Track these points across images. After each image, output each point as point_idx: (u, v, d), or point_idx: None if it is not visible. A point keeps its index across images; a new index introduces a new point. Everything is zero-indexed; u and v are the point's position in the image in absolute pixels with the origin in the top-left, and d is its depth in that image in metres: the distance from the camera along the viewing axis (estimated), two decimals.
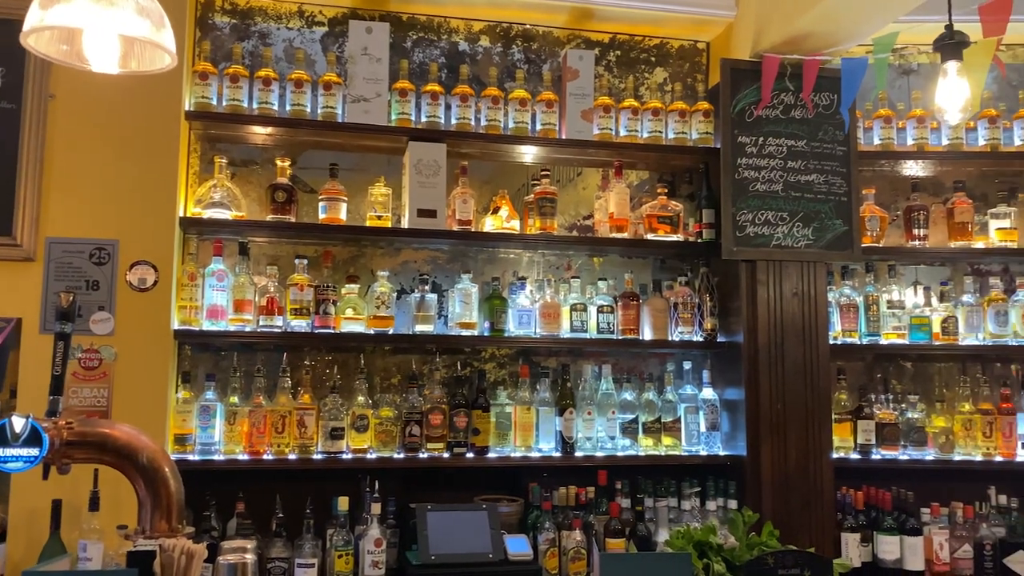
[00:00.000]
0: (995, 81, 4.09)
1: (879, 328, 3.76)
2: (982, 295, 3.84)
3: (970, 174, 3.98)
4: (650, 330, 3.72)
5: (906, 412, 3.75)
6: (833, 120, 3.66)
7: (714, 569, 1.67)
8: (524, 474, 3.58)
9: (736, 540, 1.78)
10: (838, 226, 3.62)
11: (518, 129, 3.66)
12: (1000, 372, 3.92)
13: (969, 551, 3.50)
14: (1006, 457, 3.66)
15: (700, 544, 1.74)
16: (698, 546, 1.74)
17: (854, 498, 3.57)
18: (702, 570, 1.66)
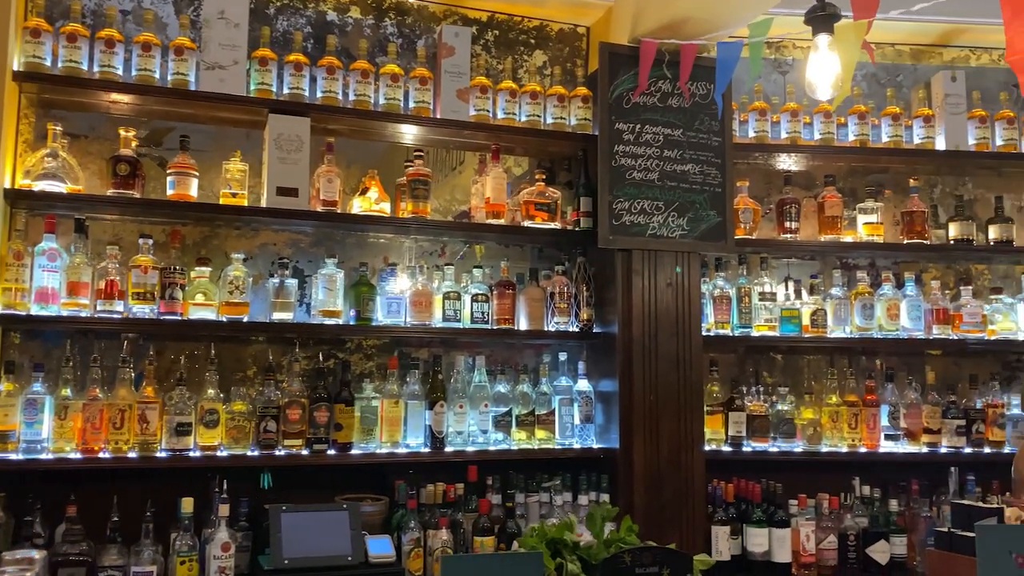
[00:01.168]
0: (864, 79, 4.18)
1: (751, 320, 3.76)
2: (850, 289, 3.90)
3: (840, 169, 4.04)
4: (526, 320, 3.60)
5: (776, 404, 3.76)
6: (709, 111, 3.63)
7: (568, 569, 1.54)
8: (391, 472, 3.39)
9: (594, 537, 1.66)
10: (712, 217, 3.59)
11: (389, 106, 3.47)
12: (865, 365, 4.00)
13: (834, 542, 3.54)
14: (870, 448, 3.72)
15: (555, 542, 1.61)
16: (552, 544, 1.61)
17: (725, 490, 3.55)
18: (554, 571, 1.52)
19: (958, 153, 3.97)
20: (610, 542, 1.68)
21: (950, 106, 3.99)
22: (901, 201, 4.04)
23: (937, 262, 4.13)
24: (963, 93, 4.01)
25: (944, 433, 3.77)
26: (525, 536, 1.72)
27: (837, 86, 2.12)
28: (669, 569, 1.61)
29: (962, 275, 4.11)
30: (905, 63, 4.25)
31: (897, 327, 3.83)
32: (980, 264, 4.17)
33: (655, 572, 1.60)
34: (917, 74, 4.24)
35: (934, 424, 3.78)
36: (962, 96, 4.01)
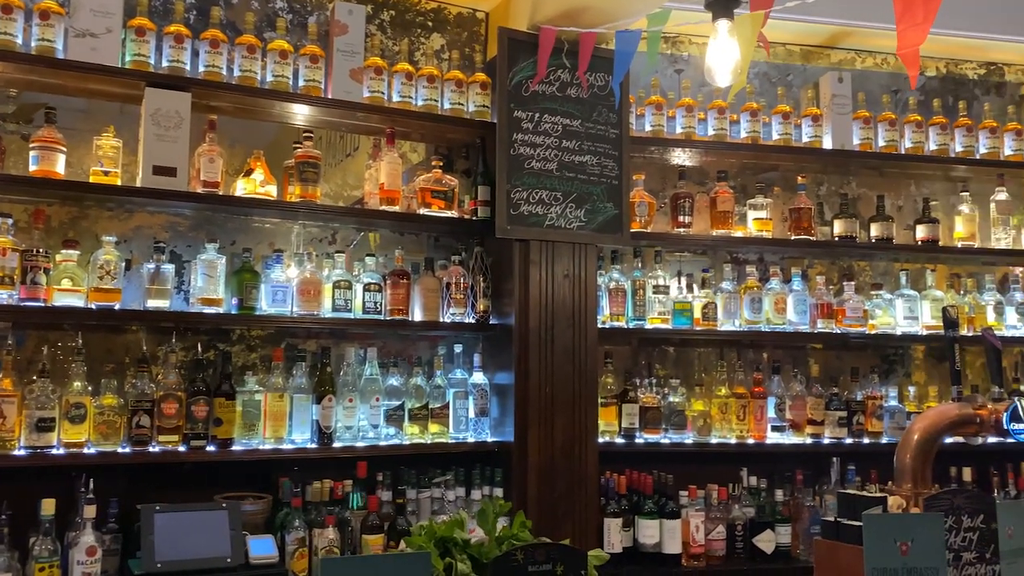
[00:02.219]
0: (757, 77, 4.26)
1: (645, 313, 3.77)
2: (739, 283, 3.97)
3: (732, 165, 4.10)
4: (421, 311, 3.50)
5: (668, 396, 3.79)
6: (607, 102, 3.61)
7: (457, 569, 1.47)
8: (275, 469, 3.23)
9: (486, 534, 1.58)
10: (609, 209, 3.58)
11: (277, 84, 3.29)
12: (753, 357, 4.08)
13: (722, 532, 3.59)
14: (757, 440, 3.80)
15: (444, 540, 1.53)
16: (441, 543, 1.52)
17: (617, 483, 3.55)
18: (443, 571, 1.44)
19: (843, 152, 4.10)
20: (502, 539, 1.62)
21: (837, 106, 4.11)
22: (789, 198, 4.14)
23: (822, 258, 4.26)
24: (849, 94, 4.14)
25: (827, 424, 3.89)
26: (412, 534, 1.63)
27: (736, 73, 2.11)
28: (563, 566, 1.55)
29: (845, 271, 4.25)
30: (795, 63, 4.36)
31: (784, 321, 3.92)
32: (862, 261, 4.32)
33: (548, 569, 1.54)
34: (806, 74, 4.35)
35: (818, 415, 3.89)
36: (848, 97, 4.14)
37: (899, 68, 4.48)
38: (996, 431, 2.21)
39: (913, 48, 1.64)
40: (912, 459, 2.23)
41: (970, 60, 4.56)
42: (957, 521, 1.91)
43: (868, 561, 1.79)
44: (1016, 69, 4.64)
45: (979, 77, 4.60)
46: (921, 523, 1.85)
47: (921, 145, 4.19)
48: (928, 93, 4.44)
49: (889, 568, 1.80)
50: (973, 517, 1.92)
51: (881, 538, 1.81)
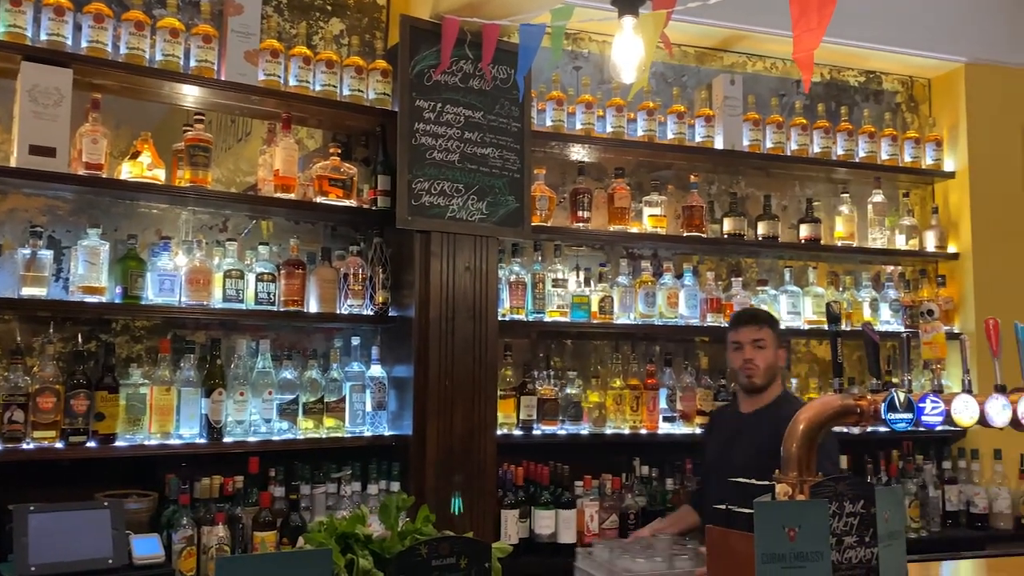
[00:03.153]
0: (653, 77, 4.35)
1: (544, 306, 3.81)
2: (635, 277, 4.06)
3: (629, 163, 4.19)
4: (317, 302, 3.42)
5: (565, 388, 3.84)
6: (510, 96, 3.62)
7: (359, 566, 1.44)
8: (162, 465, 3.10)
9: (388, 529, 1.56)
10: (511, 203, 3.59)
11: (167, 63, 3.15)
12: (647, 350, 4.18)
13: (615, 521, 3.67)
14: (650, 430, 3.89)
15: (345, 536, 1.49)
16: (342, 539, 1.49)
17: (515, 474, 3.58)
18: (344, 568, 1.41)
19: (733, 153, 4.24)
20: (405, 534, 1.59)
21: (728, 108, 4.25)
22: (682, 196, 4.25)
23: (712, 254, 4.39)
24: (740, 97, 4.29)
25: None
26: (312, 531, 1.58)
27: (641, 70, 2.14)
28: (467, 559, 1.54)
29: (733, 267, 4.40)
30: (690, 65, 4.48)
31: (676, 315, 4.03)
32: (749, 258, 4.49)
33: (452, 563, 1.53)
34: (700, 76, 4.48)
35: (706, 406, 4.02)
36: (739, 99, 4.28)
37: (786, 73, 4.67)
38: (875, 421, 2.33)
39: (808, 52, 1.70)
40: (798, 448, 2.32)
41: (852, 68, 4.80)
42: (840, 507, 2.00)
43: (759, 547, 1.86)
44: (893, 78, 4.91)
45: (860, 84, 4.85)
46: (808, 509, 1.93)
47: (806, 147, 4.38)
48: (813, 98, 4.65)
49: (778, 553, 1.87)
50: (854, 503, 2.02)
51: (771, 525, 1.88)
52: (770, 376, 3.23)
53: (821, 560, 1.90)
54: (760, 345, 3.21)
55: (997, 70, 4.71)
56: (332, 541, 1.49)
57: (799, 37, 1.77)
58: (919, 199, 4.82)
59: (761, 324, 3.27)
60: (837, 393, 2.40)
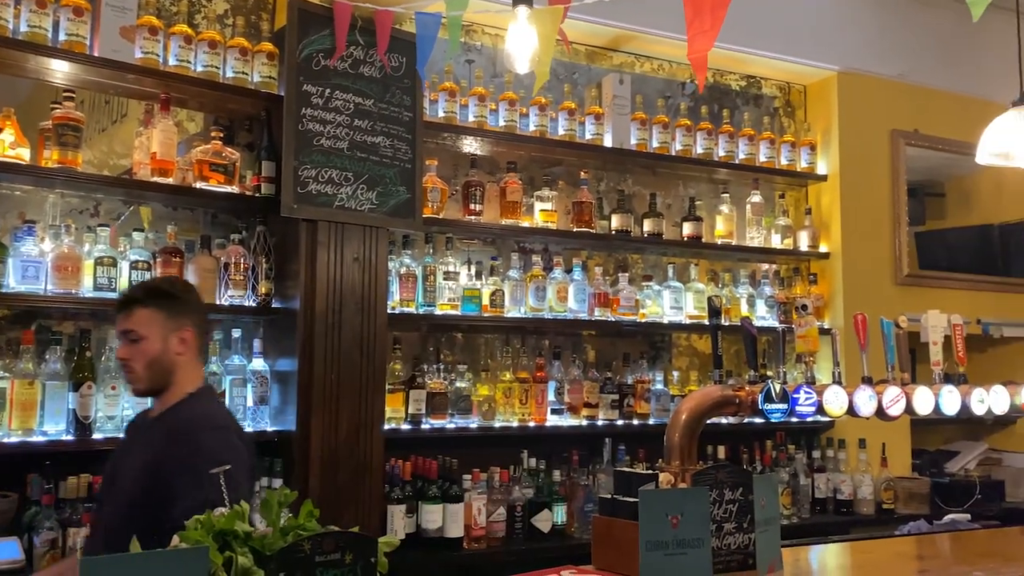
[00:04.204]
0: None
1: (435, 299, 3.78)
2: (525, 271, 4.08)
3: (521, 157, 4.20)
4: None
5: (455, 382, 3.83)
6: (402, 84, 3.56)
7: (238, 563, 1.37)
8: (23, 464, 2.90)
9: (270, 525, 1.50)
10: (402, 193, 3.54)
11: (33, 35, 2.94)
12: (536, 344, 4.21)
13: (503, 513, 3.68)
14: (538, 422, 3.93)
15: (223, 534, 1.43)
16: (220, 536, 1.42)
17: (402, 469, 3.54)
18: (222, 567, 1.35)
19: (621, 151, 4.32)
20: (287, 530, 1.54)
21: (617, 107, 4.33)
22: (573, 192, 4.30)
23: (600, 250, 4.47)
24: (628, 96, 4.37)
25: (601, 407, 4.09)
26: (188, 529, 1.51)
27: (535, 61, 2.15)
28: (352, 554, 1.50)
29: (620, 263, 4.48)
30: (581, 62, 4.54)
31: (565, 309, 4.07)
32: (635, 254, 4.59)
33: (337, 559, 1.48)
34: (591, 74, 4.54)
35: (593, 399, 4.09)
36: (627, 99, 4.37)
37: (672, 75, 4.79)
38: (752, 411, 2.42)
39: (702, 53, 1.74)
40: (680, 437, 2.38)
41: (734, 72, 4.98)
42: (720, 494, 2.07)
43: (643, 535, 1.90)
44: (772, 83, 5.12)
45: (741, 88, 5.03)
46: (690, 497, 1.99)
47: (690, 148, 4.51)
48: (697, 100, 4.79)
49: (661, 540, 1.91)
50: (733, 490, 2.09)
51: (655, 512, 1.92)
52: (160, 374, 2.36)
53: (702, 546, 1.95)
54: (133, 338, 2.34)
55: (867, 79, 4.99)
56: (209, 539, 1.42)
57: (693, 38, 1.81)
58: (794, 200, 5.04)
59: (131, 309, 2.36)
60: (717, 384, 2.48)
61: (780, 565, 2.27)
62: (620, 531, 2.19)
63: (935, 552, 2.78)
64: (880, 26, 5.08)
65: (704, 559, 1.94)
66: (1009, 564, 2.46)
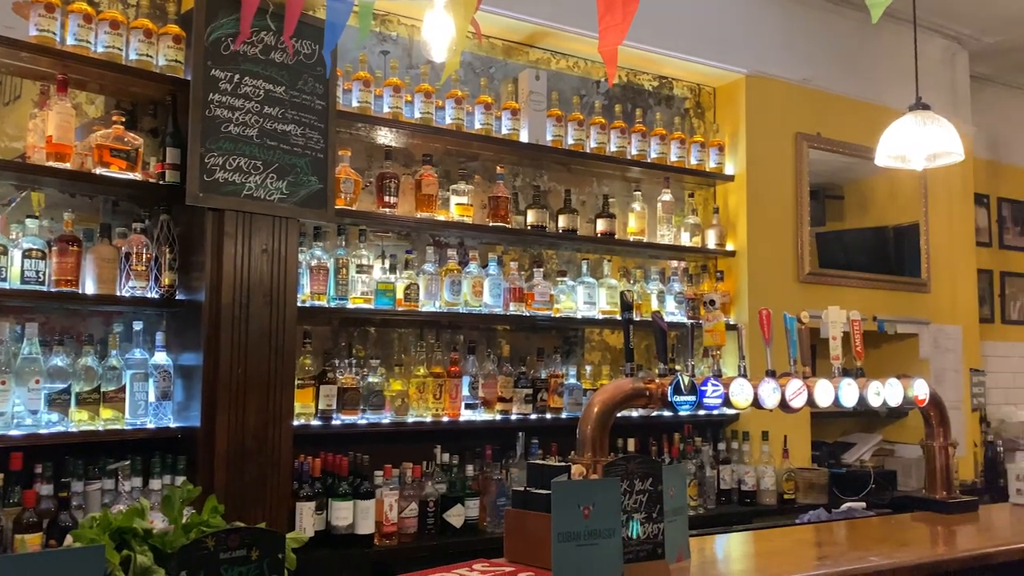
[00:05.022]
0: (462, 66, 4.36)
1: (347, 292, 3.72)
2: (441, 265, 4.05)
3: (437, 150, 4.18)
4: (94, 283, 3.14)
5: (367, 377, 3.77)
6: (314, 72, 3.48)
7: (137, 562, 1.32)
8: None
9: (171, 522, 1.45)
10: (313, 183, 3.46)
11: None
12: (451, 338, 4.19)
13: (415, 509, 3.65)
14: (452, 417, 3.91)
15: (121, 532, 1.37)
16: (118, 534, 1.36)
17: (312, 465, 3.47)
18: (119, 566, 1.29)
19: (537, 147, 4.34)
20: (190, 527, 1.49)
21: (533, 103, 4.35)
22: (489, 186, 4.30)
23: (516, 245, 4.48)
24: (544, 92, 4.39)
25: (515, 401, 4.11)
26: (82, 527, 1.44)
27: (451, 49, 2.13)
28: (259, 550, 1.46)
29: (536, 258, 4.51)
30: (498, 57, 4.54)
31: (480, 303, 4.07)
32: (550, 249, 4.61)
33: (243, 555, 1.44)
34: (507, 69, 4.54)
35: (507, 393, 4.09)
36: (543, 95, 4.39)
37: (587, 73, 4.84)
38: (662, 403, 2.47)
39: (612, 47, 1.75)
40: (592, 430, 2.41)
41: (647, 72, 5.06)
42: (630, 485, 2.10)
43: (555, 526, 1.91)
44: (683, 84, 5.23)
45: (653, 89, 5.12)
46: (601, 488, 2.01)
47: (604, 146, 4.56)
48: (611, 99, 4.86)
49: (573, 531, 1.93)
50: (644, 480, 2.12)
51: (567, 503, 1.94)
52: None
53: (613, 536, 1.98)
54: None
55: (773, 83, 5.15)
56: (105, 537, 1.36)
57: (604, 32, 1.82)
58: (703, 199, 5.17)
59: None
60: (628, 377, 2.52)
61: (688, 554, 2.32)
62: (532, 523, 2.20)
63: (833, 539, 2.89)
64: (786, 32, 5.25)
65: (615, 549, 1.97)
66: (901, 549, 2.58)
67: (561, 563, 1.88)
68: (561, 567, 1.87)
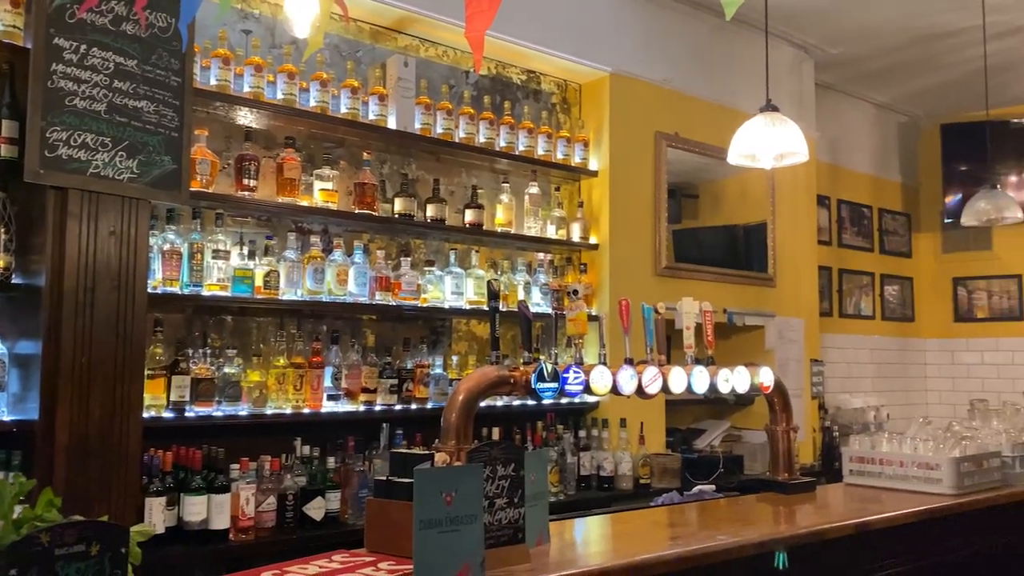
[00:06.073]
0: (328, 48, 4.26)
1: (203, 279, 3.56)
2: (303, 252, 3.95)
3: (301, 133, 4.06)
4: None
5: (224, 367, 3.63)
6: (170, 47, 3.31)
7: None
8: None
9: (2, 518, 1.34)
10: (167, 163, 3.29)
11: None
12: (313, 328, 4.10)
13: (273, 503, 3.55)
14: (313, 409, 3.82)
15: None
16: None
17: (163, 459, 3.31)
18: None
19: (406, 135, 4.30)
20: (22, 522, 1.38)
21: (402, 89, 4.30)
22: (355, 172, 4.23)
23: (383, 233, 4.43)
24: (413, 79, 4.36)
25: (380, 392, 4.06)
26: None
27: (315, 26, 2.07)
28: (100, 545, 1.38)
29: (403, 247, 4.47)
30: (365, 41, 4.46)
31: (345, 292, 4.00)
32: (418, 239, 4.59)
33: (82, 551, 1.36)
34: (375, 54, 4.47)
35: (371, 384, 4.04)
36: (412, 82, 4.35)
37: (457, 62, 4.84)
38: (526, 391, 2.50)
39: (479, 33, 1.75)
40: (457, 418, 2.42)
41: (515, 65, 5.11)
42: (493, 471, 2.12)
43: (417, 513, 1.90)
44: (550, 80, 5.31)
45: (522, 82, 5.17)
46: (464, 474, 2.02)
47: (472, 136, 4.58)
48: (480, 90, 4.87)
49: (435, 519, 1.92)
50: (506, 466, 2.14)
51: (429, 491, 1.93)
52: None
53: (475, 522, 1.99)
54: None
55: (635, 82, 5.31)
56: None
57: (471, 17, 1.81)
58: (568, 194, 5.27)
59: None
60: (494, 365, 2.54)
61: (548, 538, 2.36)
62: (395, 512, 2.19)
63: (685, 520, 3.03)
64: (648, 33, 5.43)
65: (476, 534, 1.98)
66: (747, 527, 2.73)
67: (422, 550, 1.87)
68: (422, 554, 1.87)
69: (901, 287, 8.07)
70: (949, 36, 6.10)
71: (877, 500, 3.23)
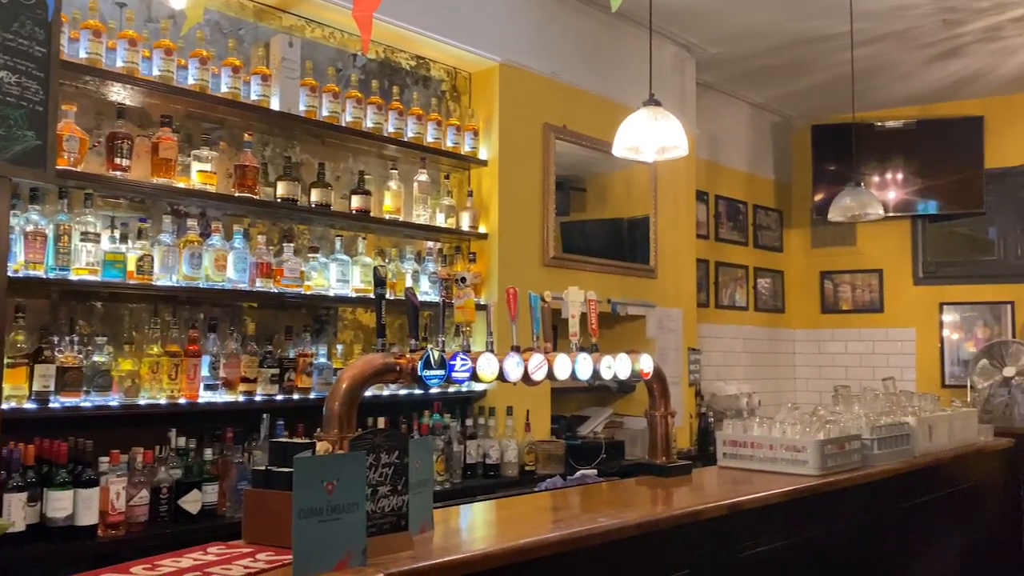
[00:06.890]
0: (208, 24, 4.10)
1: (70, 262, 3.37)
2: (179, 236, 3.79)
3: (178, 112, 3.89)
4: None
5: (92, 355, 3.45)
6: (34, 15, 3.10)
7: None
8: None
9: None
10: (30, 139, 3.08)
11: None
12: (190, 315, 3.94)
13: (146, 496, 3.40)
14: (190, 399, 3.68)
15: None
16: None
17: (24, 453, 3.11)
18: None
19: (289, 116, 4.19)
20: None
21: (286, 70, 4.18)
22: (235, 154, 4.09)
23: (264, 218, 4.29)
24: (298, 60, 4.24)
25: (260, 382, 3.95)
26: None
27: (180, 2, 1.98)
28: None
29: (286, 233, 4.35)
30: (248, 19, 4.31)
31: (224, 278, 3.86)
32: (302, 224, 4.47)
33: None
34: (258, 32, 4.33)
35: (251, 373, 3.93)
36: (297, 63, 4.24)
37: (344, 45, 4.74)
38: (412, 379, 2.49)
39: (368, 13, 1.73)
40: (340, 406, 2.37)
41: (404, 51, 5.05)
42: (377, 458, 2.10)
43: (297, 502, 1.86)
44: (440, 67, 5.28)
45: (411, 68, 5.12)
46: (346, 462, 1.99)
47: (360, 121, 4.50)
48: (368, 74, 4.80)
49: (315, 507, 1.90)
50: (390, 454, 2.13)
51: (309, 480, 1.90)
52: None
53: (357, 511, 1.97)
54: None
55: (525, 73, 5.35)
56: None
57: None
58: (458, 182, 5.26)
59: None
60: (380, 352, 2.51)
61: (431, 525, 2.37)
62: (273, 502, 2.14)
63: (567, 504, 3.09)
64: (537, 25, 5.47)
65: (358, 523, 1.96)
66: (626, 509, 2.81)
67: (301, 539, 1.84)
68: (302, 543, 1.84)
69: (773, 280, 8.47)
70: (820, 41, 6.42)
71: (749, 481, 3.38)
